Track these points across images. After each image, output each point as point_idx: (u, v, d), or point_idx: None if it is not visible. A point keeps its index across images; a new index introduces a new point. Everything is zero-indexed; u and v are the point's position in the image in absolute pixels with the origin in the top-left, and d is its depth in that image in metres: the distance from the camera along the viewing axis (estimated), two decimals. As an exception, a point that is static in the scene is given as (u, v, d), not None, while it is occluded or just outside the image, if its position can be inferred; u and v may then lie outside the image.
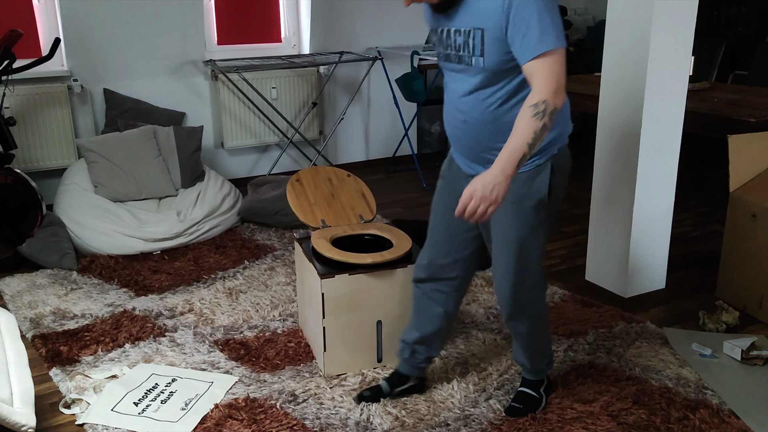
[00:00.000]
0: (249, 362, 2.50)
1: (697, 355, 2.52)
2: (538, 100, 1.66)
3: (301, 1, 4.74)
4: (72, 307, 2.94)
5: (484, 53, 1.75)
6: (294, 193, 2.67)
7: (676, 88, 2.76)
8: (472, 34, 1.76)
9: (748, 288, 2.84)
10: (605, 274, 3.02)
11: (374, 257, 2.33)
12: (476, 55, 1.76)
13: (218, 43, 4.61)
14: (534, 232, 1.91)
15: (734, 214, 2.88)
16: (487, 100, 1.81)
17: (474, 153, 1.91)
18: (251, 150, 4.80)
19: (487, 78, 1.78)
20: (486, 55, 1.75)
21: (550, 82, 1.66)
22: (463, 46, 1.79)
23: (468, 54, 1.79)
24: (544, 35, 1.65)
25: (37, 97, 3.96)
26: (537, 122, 1.65)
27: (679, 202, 3.13)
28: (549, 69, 1.66)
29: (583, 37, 5.97)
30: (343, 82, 4.98)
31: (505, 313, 2.04)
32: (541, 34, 1.65)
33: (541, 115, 1.65)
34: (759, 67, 4.61)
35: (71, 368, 2.47)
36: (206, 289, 3.13)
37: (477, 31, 1.74)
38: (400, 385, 2.28)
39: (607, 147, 2.90)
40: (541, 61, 1.66)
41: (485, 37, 1.73)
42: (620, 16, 2.74)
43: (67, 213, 3.56)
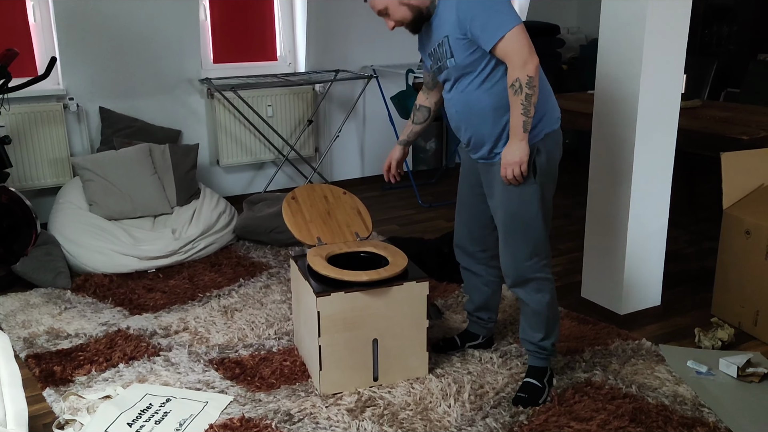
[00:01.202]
0: (244, 381, 2.49)
1: (694, 372, 2.52)
2: (511, 80, 2.03)
3: (297, 20, 4.77)
4: (66, 326, 2.93)
5: (453, 54, 2.12)
6: (290, 211, 2.67)
7: (668, 106, 2.79)
8: (443, 42, 2.14)
9: (743, 305, 2.85)
10: (601, 291, 3.03)
11: (370, 275, 2.33)
12: (448, 57, 2.14)
13: (214, 62, 4.64)
14: (526, 205, 2.20)
15: (728, 232, 2.89)
16: (467, 88, 2.16)
17: (471, 137, 2.24)
18: (247, 167, 4.80)
19: (460, 71, 2.14)
20: (455, 54, 2.12)
21: (514, 59, 2.01)
22: (441, 55, 2.17)
23: (445, 58, 2.16)
24: (496, 21, 2.00)
25: (33, 115, 3.97)
26: (518, 97, 2.03)
27: (674, 220, 3.14)
28: (511, 47, 2.00)
29: (576, 55, 6.02)
30: (338, 100, 5.01)
31: (509, 281, 2.32)
32: (493, 21, 2.00)
33: (519, 90, 2.02)
34: (751, 84, 4.66)
35: (65, 388, 2.45)
36: (201, 307, 3.12)
37: (445, 38, 2.12)
38: (471, 341, 2.69)
39: (601, 164, 2.91)
40: (501, 44, 2.01)
41: (450, 41, 2.11)
42: (612, 35, 2.76)
43: (61, 231, 3.55)
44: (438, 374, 2.51)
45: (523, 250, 2.24)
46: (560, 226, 4.16)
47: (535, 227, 2.22)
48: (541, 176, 2.18)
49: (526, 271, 2.26)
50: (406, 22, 2.18)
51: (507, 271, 2.31)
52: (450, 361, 2.60)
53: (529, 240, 2.23)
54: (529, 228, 2.22)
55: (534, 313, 2.32)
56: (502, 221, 2.25)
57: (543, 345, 2.35)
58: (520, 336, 2.42)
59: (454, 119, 2.27)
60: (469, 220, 2.47)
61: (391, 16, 2.17)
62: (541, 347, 2.36)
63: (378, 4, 2.17)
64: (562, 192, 4.84)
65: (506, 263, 2.30)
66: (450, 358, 2.62)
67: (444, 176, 5.39)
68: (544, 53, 5.42)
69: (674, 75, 2.76)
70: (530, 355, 2.41)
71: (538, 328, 2.33)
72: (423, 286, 2.40)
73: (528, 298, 2.30)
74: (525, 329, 2.38)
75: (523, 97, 2.02)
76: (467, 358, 2.62)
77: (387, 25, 2.22)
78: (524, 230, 2.22)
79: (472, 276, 2.57)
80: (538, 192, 2.19)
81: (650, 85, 2.71)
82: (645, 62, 2.66)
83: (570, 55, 6.02)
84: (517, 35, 2.00)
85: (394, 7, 2.15)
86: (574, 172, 4.42)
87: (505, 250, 2.28)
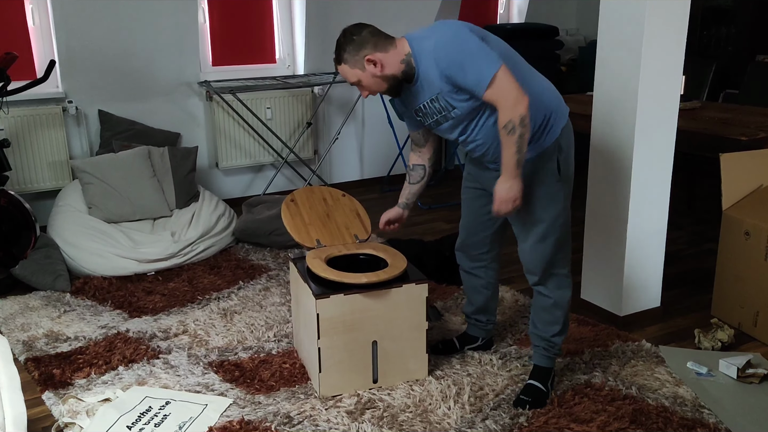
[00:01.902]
0: (243, 384, 2.49)
1: (693, 373, 2.52)
2: (504, 122, 2.01)
3: (296, 22, 4.78)
4: (65, 329, 2.92)
5: (454, 106, 2.10)
6: (289, 213, 2.67)
7: (667, 107, 2.79)
8: (437, 98, 2.11)
9: (743, 306, 2.85)
10: (600, 292, 3.02)
11: (369, 277, 2.33)
12: (451, 109, 2.11)
13: (213, 64, 4.64)
14: (553, 203, 2.21)
15: (727, 233, 2.89)
16: (485, 124, 2.13)
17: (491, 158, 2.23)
18: (246, 170, 4.80)
19: (469, 116, 2.12)
20: (456, 106, 2.10)
21: (504, 102, 1.99)
22: (441, 108, 2.13)
23: (447, 111, 2.13)
24: (477, 70, 1.98)
25: (32, 118, 3.97)
26: (512, 137, 2.01)
27: (673, 221, 3.14)
28: (499, 91, 1.99)
29: (575, 57, 6.02)
30: (337, 102, 5.01)
31: (533, 279, 2.32)
32: (474, 71, 1.98)
33: (513, 131, 2.01)
34: (749, 86, 4.66)
35: (64, 392, 2.44)
36: (200, 310, 3.12)
37: (438, 95, 2.09)
38: (470, 343, 2.68)
39: (600, 166, 2.91)
40: (489, 91, 1.99)
41: (445, 96, 2.08)
42: (611, 37, 2.77)
43: (60, 234, 3.54)
44: (437, 376, 2.50)
45: (552, 247, 2.25)
46: (560, 228, 4.16)
47: (563, 224, 2.24)
48: (564, 173, 2.20)
49: (552, 267, 2.28)
50: (383, 91, 2.15)
51: (533, 269, 2.30)
52: (449, 363, 2.60)
53: (559, 238, 2.25)
54: (558, 226, 2.23)
55: (554, 306, 2.32)
56: (530, 223, 2.23)
57: (555, 341, 2.35)
58: (530, 332, 2.41)
59: (478, 151, 2.22)
60: (472, 222, 2.47)
61: (365, 87, 2.14)
62: (553, 343, 2.36)
63: (350, 77, 2.13)
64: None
65: (533, 262, 2.28)
66: (449, 360, 2.62)
67: (443, 178, 5.39)
68: (543, 55, 5.46)
69: (673, 76, 2.76)
70: (537, 353, 2.40)
71: (555, 323, 2.33)
72: (422, 288, 2.40)
73: (551, 293, 2.31)
74: (537, 324, 2.37)
75: (517, 136, 2.00)
76: (467, 360, 2.62)
77: (362, 94, 2.19)
78: (554, 229, 2.22)
79: (472, 278, 2.57)
80: (563, 189, 2.22)
81: (649, 87, 2.71)
82: (644, 64, 2.66)
83: (569, 57, 6.03)
84: (501, 79, 1.97)
85: (367, 80, 2.12)
86: (573, 174, 4.41)
87: (534, 249, 2.26)
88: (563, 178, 2.20)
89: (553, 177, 2.18)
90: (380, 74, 2.10)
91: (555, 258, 2.27)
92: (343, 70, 2.14)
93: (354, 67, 2.11)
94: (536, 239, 2.25)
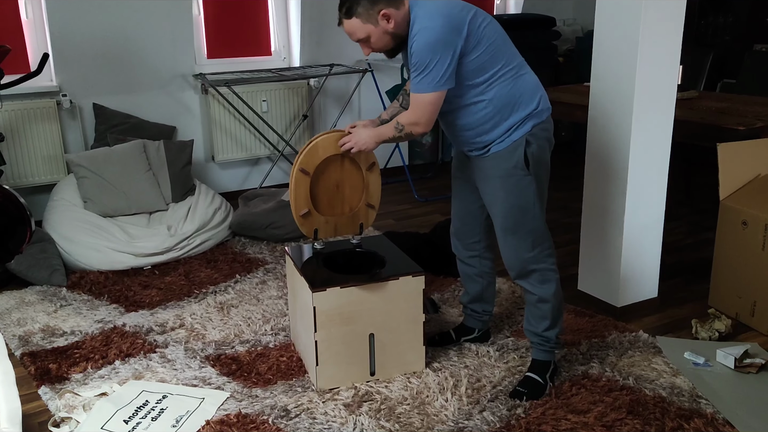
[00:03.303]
0: (241, 377, 2.48)
1: (691, 363, 2.52)
2: (403, 122, 2.17)
3: (291, 14, 4.75)
4: (61, 324, 2.91)
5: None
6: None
7: (664, 97, 2.78)
8: None
9: (740, 296, 2.84)
10: (598, 283, 3.02)
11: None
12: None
13: (208, 57, 4.61)
14: (523, 195, 2.20)
15: (725, 223, 2.88)
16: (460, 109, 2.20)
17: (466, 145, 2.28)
18: (242, 163, 4.79)
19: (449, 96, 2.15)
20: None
21: (411, 116, 2.14)
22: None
23: None
24: (422, 81, 2.05)
25: (26, 112, 3.95)
26: (395, 132, 2.20)
27: (670, 211, 3.13)
28: (416, 106, 2.11)
29: (572, 47, 6.00)
30: (333, 95, 4.99)
31: (513, 273, 2.32)
32: (421, 78, 2.05)
33: (399, 130, 2.19)
34: (747, 75, 4.65)
35: (60, 386, 2.44)
36: (197, 303, 3.11)
37: None
38: (466, 335, 2.68)
39: (597, 156, 2.90)
40: (414, 97, 2.11)
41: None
42: (608, 27, 2.75)
43: (56, 229, 3.53)
44: (435, 368, 2.50)
45: (524, 241, 2.24)
46: (557, 219, 4.15)
47: (533, 218, 2.23)
48: (534, 167, 2.18)
49: (529, 262, 2.27)
50: (387, 50, 2.16)
51: (510, 264, 2.30)
52: (447, 355, 2.59)
53: (529, 231, 2.23)
54: (528, 219, 2.22)
55: (540, 302, 2.31)
56: (501, 215, 2.25)
57: (547, 336, 2.35)
58: (524, 327, 2.41)
59: (448, 132, 2.31)
60: (462, 211, 2.48)
61: (372, 43, 2.14)
62: (546, 338, 2.35)
63: (359, 33, 2.11)
64: (559, 184, 4.83)
65: (508, 256, 2.29)
66: (447, 352, 2.61)
67: (440, 170, 5.38)
68: (540, 46, 5.44)
69: (670, 66, 2.75)
70: (534, 348, 2.40)
71: (543, 318, 2.33)
72: (419, 280, 2.39)
73: (534, 288, 2.31)
74: (529, 320, 2.37)
75: (396, 135, 2.20)
76: (464, 352, 2.62)
77: (363, 52, 2.19)
78: (523, 222, 2.22)
79: (466, 267, 2.57)
80: (533, 183, 2.20)
81: (646, 77, 2.69)
82: (641, 54, 2.65)
83: (566, 48, 6.00)
84: (426, 102, 2.08)
85: (377, 36, 2.11)
86: (570, 165, 4.40)
87: (506, 243, 2.28)
88: (532, 172, 2.18)
89: (520, 170, 2.17)
90: (391, 31, 2.09)
91: (531, 253, 2.25)
92: (352, 25, 2.11)
93: (367, 21, 2.08)
94: (506, 232, 2.25)
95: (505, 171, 2.18)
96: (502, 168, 2.19)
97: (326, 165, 2.46)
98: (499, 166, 2.19)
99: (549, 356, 2.39)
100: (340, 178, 2.51)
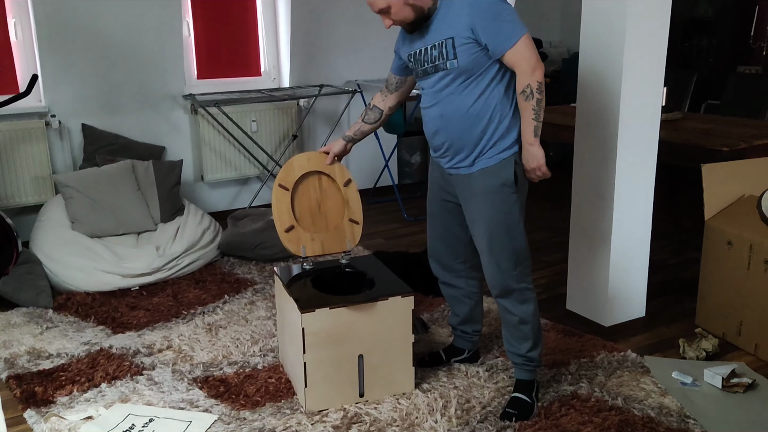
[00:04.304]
0: (229, 400, 2.46)
1: (679, 383, 2.53)
2: (522, 86, 2.09)
3: (281, 35, 4.78)
4: (47, 346, 2.89)
5: (457, 56, 2.11)
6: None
7: (649, 118, 2.82)
8: (444, 44, 2.12)
9: (727, 315, 2.86)
10: (586, 303, 3.03)
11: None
12: (450, 59, 2.12)
13: (198, 77, 4.63)
14: (509, 213, 2.22)
15: (710, 242, 2.91)
16: (463, 92, 2.15)
17: (449, 143, 2.23)
18: (231, 183, 4.79)
19: (461, 74, 2.13)
20: (459, 56, 2.11)
21: (524, 66, 2.07)
22: (438, 56, 2.15)
23: (443, 60, 2.14)
24: (508, 29, 2.05)
25: (14, 133, 3.94)
26: (530, 102, 2.10)
27: (657, 230, 3.16)
28: (522, 55, 2.06)
29: (558, 68, 6.07)
30: (323, 115, 5.01)
31: (495, 291, 2.31)
32: (505, 29, 2.05)
33: (530, 96, 2.09)
34: (731, 96, 4.72)
35: (46, 409, 2.41)
36: (185, 324, 3.09)
37: (448, 40, 2.11)
38: (456, 356, 2.66)
39: (584, 176, 2.93)
40: (512, 51, 2.06)
41: (456, 43, 2.10)
42: (593, 49, 2.79)
43: (43, 250, 3.51)
44: (424, 389, 2.49)
45: (507, 260, 2.24)
46: (545, 238, 4.17)
47: (517, 236, 2.24)
48: (519, 185, 2.21)
49: (512, 281, 2.27)
50: (406, 22, 2.16)
51: (492, 282, 2.30)
52: (436, 376, 2.59)
53: (513, 250, 2.24)
54: (512, 238, 2.23)
55: (521, 323, 2.31)
56: (485, 233, 2.24)
57: (531, 356, 2.35)
58: (506, 349, 2.41)
59: (434, 123, 2.24)
60: (444, 233, 2.46)
61: (392, 15, 2.13)
62: (529, 358, 2.35)
63: (379, 2, 2.12)
64: (547, 204, 4.86)
65: (491, 274, 2.29)
66: (436, 373, 2.61)
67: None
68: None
69: (654, 87, 2.79)
70: (517, 368, 2.40)
71: (525, 339, 2.33)
72: (408, 300, 2.39)
73: (514, 308, 2.30)
74: (510, 341, 2.37)
75: (534, 102, 2.09)
76: (453, 373, 2.61)
77: (384, 23, 2.17)
78: (508, 240, 2.23)
79: (452, 289, 2.56)
80: (518, 201, 2.22)
81: (631, 98, 2.73)
82: (625, 75, 2.69)
83: (552, 69, 6.08)
84: (525, 44, 2.07)
85: (397, 7, 2.11)
86: (558, 184, 4.44)
87: (489, 261, 2.27)
88: (519, 189, 2.21)
89: (507, 188, 2.19)
90: (412, 2, 2.10)
91: (513, 271, 2.25)
92: None
93: None
94: (491, 250, 2.25)
95: (493, 188, 2.19)
96: (490, 184, 2.20)
97: (306, 186, 2.52)
98: (486, 183, 2.20)
99: (532, 375, 2.39)
100: (320, 197, 2.56)
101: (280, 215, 2.49)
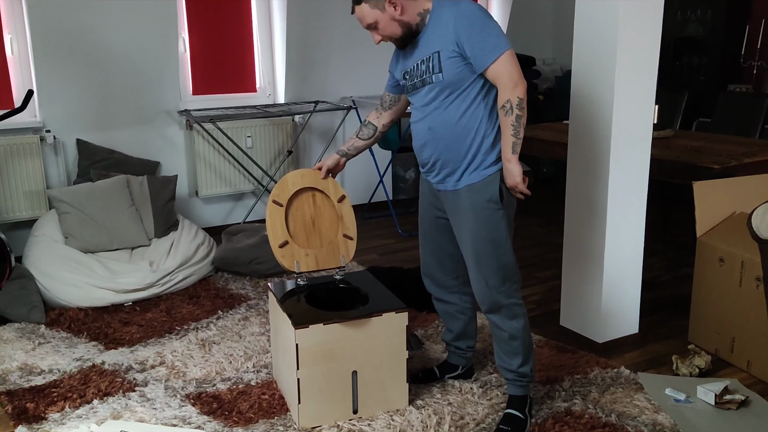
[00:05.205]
0: (221, 416, 2.45)
1: (672, 400, 2.53)
2: (503, 101, 2.10)
3: (276, 51, 4.81)
4: (39, 362, 2.87)
5: (442, 69, 2.14)
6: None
7: (641, 135, 2.84)
8: (431, 57, 2.15)
9: (719, 332, 2.87)
10: (579, 319, 3.04)
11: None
12: (435, 72, 2.15)
13: (193, 93, 4.65)
14: (496, 229, 2.22)
15: (702, 259, 2.93)
16: (449, 106, 2.17)
17: (436, 158, 2.24)
18: (226, 198, 4.79)
19: (446, 88, 2.16)
20: (444, 70, 2.13)
21: (506, 81, 2.08)
22: (425, 70, 2.18)
23: (429, 74, 2.17)
24: (491, 44, 2.08)
25: (9, 148, 3.94)
26: (509, 118, 2.10)
27: (649, 247, 3.18)
28: (504, 70, 2.08)
29: (551, 86, 6.13)
30: (318, 131, 5.03)
31: (484, 307, 2.31)
32: (488, 44, 2.07)
33: (510, 111, 2.09)
34: (721, 114, 4.77)
35: (38, 426, 2.39)
36: (179, 340, 3.08)
37: (435, 54, 2.14)
38: (450, 372, 2.67)
39: (577, 193, 2.95)
40: (494, 65, 2.08)
41: (441, 56, 2.13)
42: (585, 67, 2.82)
43: (36, 265, 3.49)
44: (418, 406, 2.49)
45: (495, 276, 2.25)
46: (538, 255, 4.19)
47: (504, 252, 2.24)
48: (505, 201, 2.22)
49: (501, 296, 2.27)
50: (395, 38, 2.20)
51: (481, 299, 2.30)
52: (430, 392, 2.58)
53: (501, 266, 2.24)
54: (500, 253, 2.23)
55: (511, 339, 2.31)
56: (472, 249, 2.25)
57: (523, 371, 2.34)
58: (497, 365, 2.41)
59: (422, 136, 2.25)
60: (436, 249, 2.47)
61: (380, 30, 2.18)
62: (521, 374, 2.35)
63: (367, 18, 2.17)
64: (540, 220, 4.89)
65: (480, 290, 2.29)
66: (430, 389, 2.61)
67: (423, 205, 5.40)
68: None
69: (646, 105, 2.82)
70: (510, 384, 2.40)
71: (516, 354, 2.32)
72: (402, 316, 2.39)
73: (504, 324, 2.30)
74: (502, 357, 2.37)
75: (514, 117, 2.09)
76: (447, 389, 2.61)
77: (373, 39, 2.22)
78: (496, 256, 2.23)
79: (446, 305, 2.57)
80: (504, 217, 2.23)
81: (623, 116, 2.76)
82: (617, 93, 2.72)
83: (546, 86, 6.13)
84: (508, 59, 2.08)
85: (384, 23, 2.16)
86: (551, 201, 4.46)
87: (478, 277, 2.27)
88: (505, 205, 2.22)
89: (493, 204, 2.20)
90: (398, 18, 2.14)
91: (502, 287, 2.26)
92: (362, 10, 2.17)
93: (374, 7, 2.15)
94: (479, 266, 2.25)
95: (479, 204, 2.20)
96: (476, 201, 2.21)
97: (300, 202, 2.54)
98: (472, 199, 2.21)
99: (525, 391, 2.38)
100: (314, 213, 2.58)
101: (275, 231, 2.50)
